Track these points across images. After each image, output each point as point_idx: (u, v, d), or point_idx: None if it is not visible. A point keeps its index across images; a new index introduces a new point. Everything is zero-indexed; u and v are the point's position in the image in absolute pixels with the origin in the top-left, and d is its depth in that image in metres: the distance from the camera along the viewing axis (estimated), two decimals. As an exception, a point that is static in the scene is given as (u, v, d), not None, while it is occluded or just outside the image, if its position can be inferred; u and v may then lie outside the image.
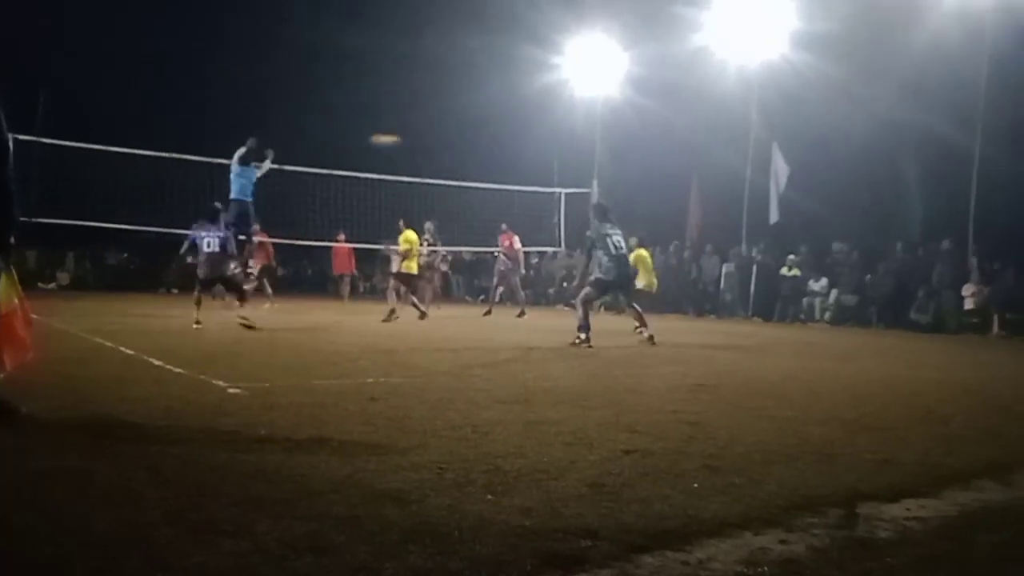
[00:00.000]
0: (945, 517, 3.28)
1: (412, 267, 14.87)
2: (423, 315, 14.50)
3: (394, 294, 14.67)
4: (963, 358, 11.55)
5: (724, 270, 21.44)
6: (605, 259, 10.65)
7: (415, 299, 15.15)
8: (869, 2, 18.73)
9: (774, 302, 19.93)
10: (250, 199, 13.75)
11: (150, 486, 3.29)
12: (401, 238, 15.04)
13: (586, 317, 10.41)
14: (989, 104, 17.44)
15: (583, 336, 10.25)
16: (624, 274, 10.97)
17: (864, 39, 18.95)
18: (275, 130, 26.93)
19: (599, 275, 10.74)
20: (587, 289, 10.82)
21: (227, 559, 2.50)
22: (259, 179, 14.01)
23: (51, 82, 25.08)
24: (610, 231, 10.75)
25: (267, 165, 14.20)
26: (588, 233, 11.21)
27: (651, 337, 10.80)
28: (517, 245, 18.02)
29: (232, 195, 13.59)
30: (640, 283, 15.18)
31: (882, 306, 18.24)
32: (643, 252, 15.66)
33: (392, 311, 13.98)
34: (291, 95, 31.78)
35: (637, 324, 11.20)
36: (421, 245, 15.84)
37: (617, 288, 11.19)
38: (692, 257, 22.53)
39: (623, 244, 10.89)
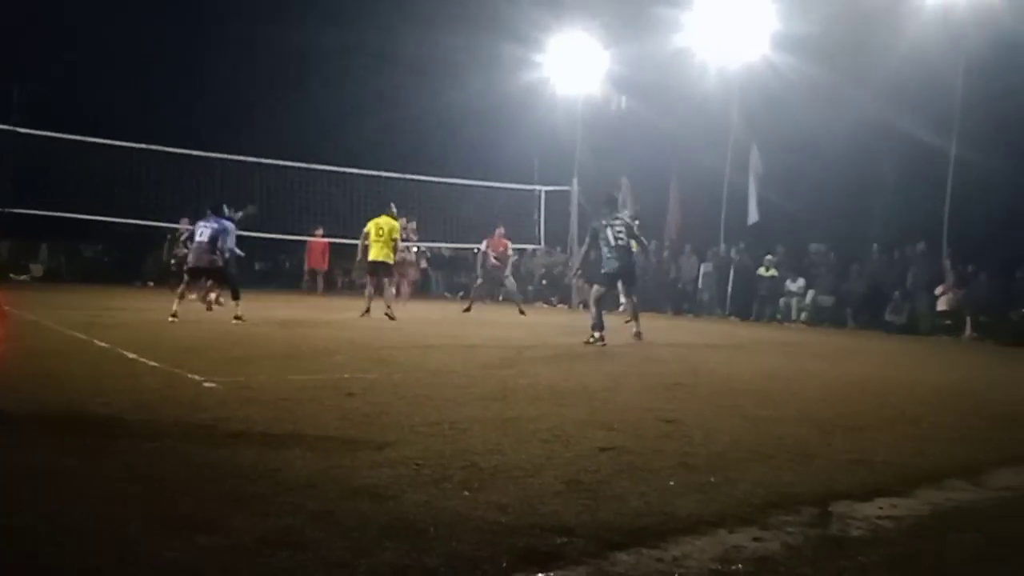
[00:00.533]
0: (918, 516, 3.31)
1: (382, 255, 13.78)
2: (367, 312, 13.58)
3: (371, 288, 14.15)
4: (936, 360, 11.68)
5: (702, 270, 21.54)
6: (606, 251, 10.64)
7: (392, 291, 14.61)
8: (849, 6, 18.86)
9: (751, 302, 20.06)
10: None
11: (123, 481, 3.26)
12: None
13: (599, 315, 10.40)
14: (965, 109, 17.63)
15: (597, 335, 10.22)
16: (627, 264, 10.84)
17: (844, 42, 19.06)
18: (258, 126, 26.85)
19: (604, 269, 10.77)
20: (596, 287, 10.91)
21: (202, 555, 2.48)
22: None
23: (30, 73, 24.83)
24: (612, 222, 10.68)
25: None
26: (592, 225, 11.20)
27: (639, 334, 10.86)
28: (510, 250, 18.12)
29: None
30: None
31: (857, 307, 18.40)
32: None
33: (368, 309, 13.64)
34: (273, 92, 31.62)
35: (629, 318, 11.27)
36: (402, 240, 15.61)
37: (621, 278, 11.04)
38: (671, 256, 22.62)
39: (624, 234, 10.71)
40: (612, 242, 10.59)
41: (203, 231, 11.71)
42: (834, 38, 18.82)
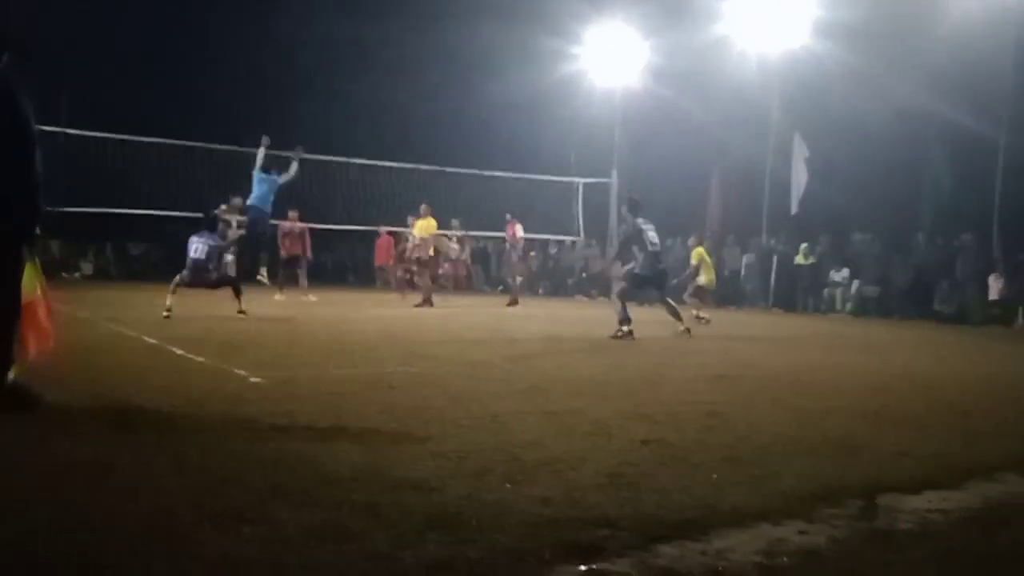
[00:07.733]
0: (967, 510, 3.25)
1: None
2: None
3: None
4: (986, 350, 11.43)
5: (745, 261, 21.33)
6: (640, 255, 10.61)
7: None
8: (892, -10, 18.54)
9: (795, 293, 19.82)
10: (267, 208, 13.63)
11: (171, 474, 3.31)
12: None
13: (625, 309, 10.40)
14: (1015, 93, 17.22)
15: (625, 328, 10.24)
16: (658, 270, 10.93)
17: (886, 28, 18.74)
18: (300, 122, 27.10)
19: (635, 271, 10.71)
20: (623, 284, 10.86)
21: (248, 546, 2.51)
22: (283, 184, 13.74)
23: (74, 73, 25.32)
24: (644, 226, 10.67)
25: (293, 169, 13.78)
26: (622, 226, 11.30)
27: (687, 330, 10.85)
28: (520, 233, 18.34)
29: (250, 200, 13.57)
30: (702, 280, 15.17)
31: (904, 297, 18.07)
32: (701, 250, 15.60)
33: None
34: (313, 88, 31.93)
35: (673, 318, 10.97)
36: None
37: (651, 283, 11.09)
38: (713, 248, 22.37)
39: (657, 239, 10.81)
40: (648, 247, 10.59)
41: (199, 247, 10.91)
42: (876, 24, 18.51)
